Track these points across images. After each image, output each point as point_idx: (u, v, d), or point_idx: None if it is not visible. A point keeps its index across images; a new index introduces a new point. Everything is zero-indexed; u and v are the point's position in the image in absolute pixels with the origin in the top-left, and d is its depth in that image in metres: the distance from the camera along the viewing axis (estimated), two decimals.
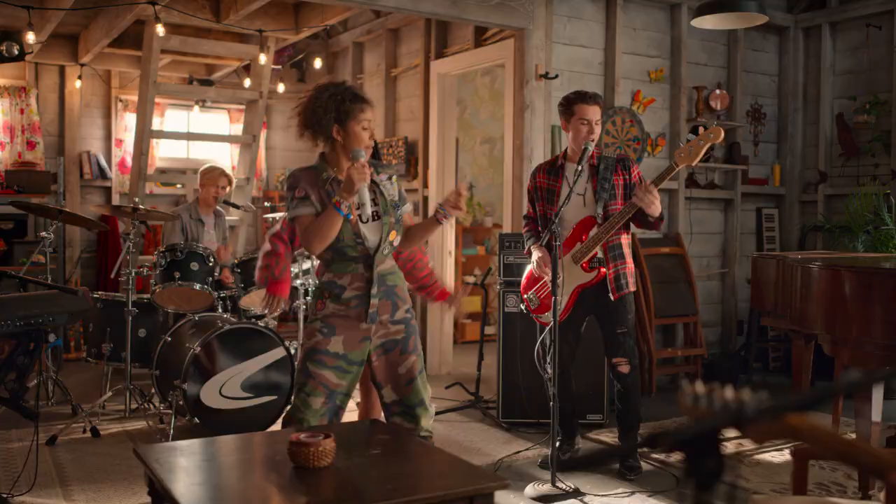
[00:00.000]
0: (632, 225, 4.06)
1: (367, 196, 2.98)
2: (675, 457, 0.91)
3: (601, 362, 4.67)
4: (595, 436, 4.78)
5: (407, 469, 2.38)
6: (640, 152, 6.03)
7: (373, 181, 3.05)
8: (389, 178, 3.14)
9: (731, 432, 1.18)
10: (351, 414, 4.21)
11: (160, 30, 5.07)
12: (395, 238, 3.10)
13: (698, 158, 3.81)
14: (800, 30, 6.73)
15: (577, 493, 3.79)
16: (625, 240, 4.07)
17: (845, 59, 6.49)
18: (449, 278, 6.59)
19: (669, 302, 6.04)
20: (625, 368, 4.00)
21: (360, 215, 3.01)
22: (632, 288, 4.04)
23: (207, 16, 5.51)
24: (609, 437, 4.74)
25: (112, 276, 5.09)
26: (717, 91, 6.44)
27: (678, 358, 6.18)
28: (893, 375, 1.07)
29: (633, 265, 4.11)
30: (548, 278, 3.99)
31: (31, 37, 4.72)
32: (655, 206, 3.80)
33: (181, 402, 4.46)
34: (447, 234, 6.58)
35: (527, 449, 4.45)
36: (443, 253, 6.55)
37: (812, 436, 1.22)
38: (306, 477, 2.30)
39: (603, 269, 3.99)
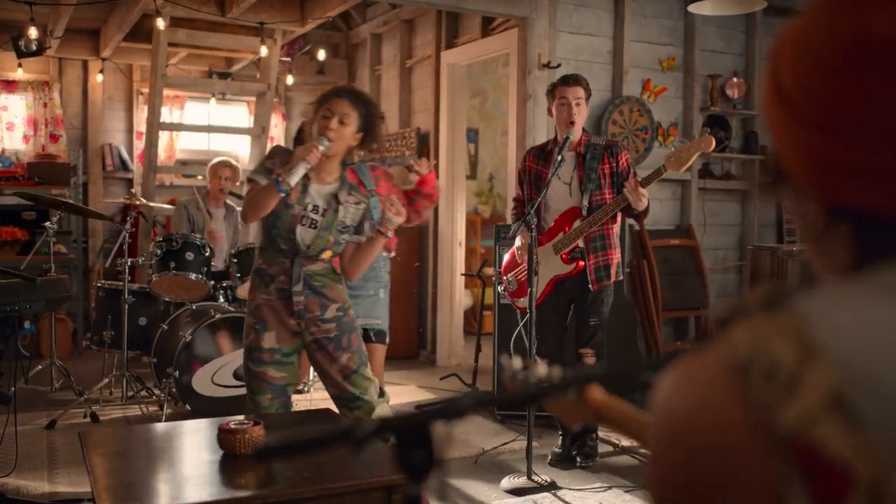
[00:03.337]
0: (619, 215, 4.01)
1: (314, 200, 3.04)
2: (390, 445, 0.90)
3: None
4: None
5: (331, 458, 2.38)
6: (648, 142, 5.92)
7: (335, 195, 3.07)
8: (357, 204, 3.11)
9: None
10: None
11: (161, 23, 5.16)
12: (328, 257, 3.09)
13: (686, 166, 3.83)
14: None
15: (552, 486, 3.76)
16: (611, 230, 4.00)
17: None
18: (458, 268, 6.57)
19: (679, 294, 5.92)
20: (591, 360, 3.95)
21: (301, 216, 3.01)
22: (613, 279, 3.98)
23: (212, 9, 5.58)
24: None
25: (106, 264, 5.20)
26: (734, 79, 6.28)
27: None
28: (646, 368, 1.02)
29: (618, 255, 4.04)
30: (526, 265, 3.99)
31: (33, 31, 4.85)
32: (642, 203, 3.76)
33: (174, 389, 4.56)
34: (457, 225, 6.57)
35: (512, 440, 4.41)
36: (453, 243, 6.54)
37: (611, 417, 1.19)
38: (230, 464, 2.32)
39: (581, 262, 3.94)
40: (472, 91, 8.10)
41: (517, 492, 3.71)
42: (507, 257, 4.37)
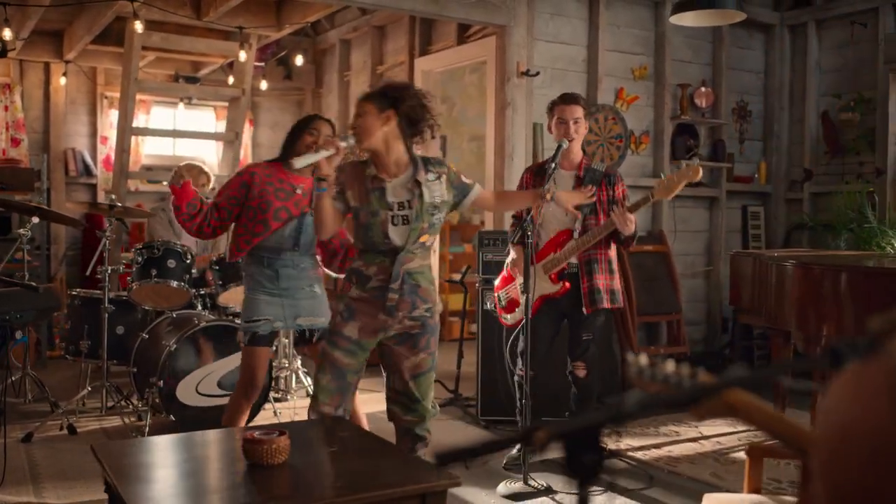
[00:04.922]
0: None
1: (397, 197, 3.04)
2: (556, 451, 0.91)
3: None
4: None
5: (360, 467, 2.37)
6: (622, 150, 6.02)
7: (416, 180, 3.06)
8: (438, 178, 3.11)
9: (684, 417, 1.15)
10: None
11: (139, 26, 5.07)
12: (427, 240, 3.11)
13: (674, 193, 3.87)
14: (786, 27, 6.72)
15: (548, 490, 3.79)
16: (606, 255, 4.03)
17: (831, 56, 6.48)
18: (435, 275, 6.57)
19: (652, 300, 6.03)
20: (581, 373, 4.02)
21: (391, 217, 3.03)
22: (607, 305, 3.98)
23: (188, 13, 5.50)
24: None
25: (87, 273, 5.07)
26: (702, 88, 6.43)
27: (661, 356, 6.15)
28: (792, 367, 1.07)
29: (615, 281, 4.05)
30: (518, 279, 4.02)
31: (7, 33, 4.72)
32: (628, 228, 3.83)
33: (157, 400, 4.47)
34: None
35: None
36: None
37: (746, 412, 1.22)
38: (259, 474, 2.29)
39: (568, 284, 3.99)
40: (440, 98, 8.14)
41: (515, 497, 3.73)
42: (498, 281, 4.35)
